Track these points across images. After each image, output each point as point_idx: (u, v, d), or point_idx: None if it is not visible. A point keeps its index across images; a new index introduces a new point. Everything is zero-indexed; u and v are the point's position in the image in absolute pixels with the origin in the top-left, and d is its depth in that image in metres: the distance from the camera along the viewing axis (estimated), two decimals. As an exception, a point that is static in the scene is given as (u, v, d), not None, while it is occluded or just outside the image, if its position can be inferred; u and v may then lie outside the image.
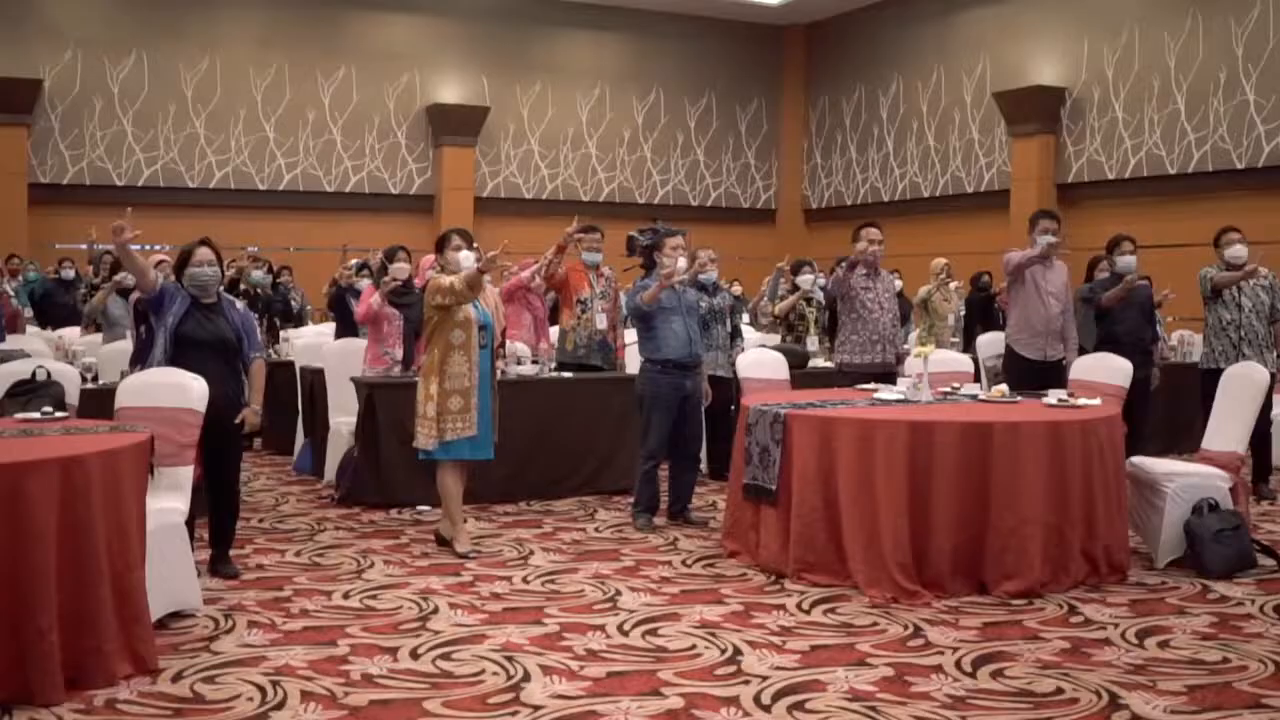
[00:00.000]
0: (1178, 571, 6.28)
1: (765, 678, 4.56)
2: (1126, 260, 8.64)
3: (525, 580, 6.02)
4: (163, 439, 5.25)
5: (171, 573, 5.11)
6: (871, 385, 7.28)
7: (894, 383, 7.72)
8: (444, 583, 5.95)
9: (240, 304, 6.26)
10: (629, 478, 8.41)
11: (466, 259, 6.64)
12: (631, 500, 7.55)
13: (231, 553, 6.13)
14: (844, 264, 8.02)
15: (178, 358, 5.82)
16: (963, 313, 11.91)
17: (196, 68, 16.92)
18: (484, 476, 7.31)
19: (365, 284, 9.10)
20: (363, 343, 8.66)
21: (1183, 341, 11.16)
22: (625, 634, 5.09)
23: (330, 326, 11.70)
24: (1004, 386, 6.84)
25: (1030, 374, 7.89)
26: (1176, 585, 6.03)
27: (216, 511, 6.01)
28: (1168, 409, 9.68)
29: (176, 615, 5.19)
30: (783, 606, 5.54)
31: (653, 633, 5.12)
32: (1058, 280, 8.25)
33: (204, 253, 6.02)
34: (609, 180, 19.83)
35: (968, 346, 11.01)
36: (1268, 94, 14.47)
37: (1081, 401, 6.49)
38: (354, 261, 9.80)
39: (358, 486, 7.86)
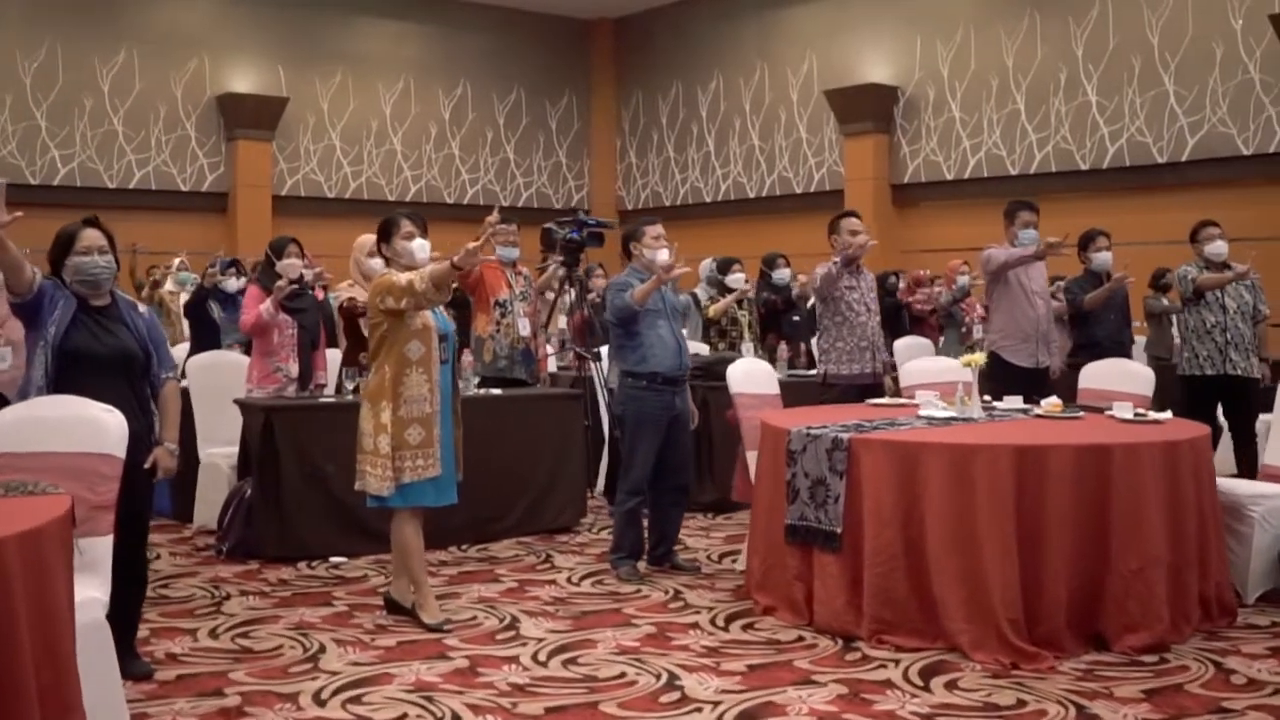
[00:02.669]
0: (1274, 607, 5.45)
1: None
2: (1104, 256, 7.94)
3: (538, 660, 4.66)
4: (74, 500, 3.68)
5: (96, 691, 3.55)
6: (886, 400, 6.26)
7: (882, 396, 6.75)
8: (435, 671, 4.53)
9: (144, 307, 4.67)
10: (570, 512, 7.17)
11: (422, 249, 5.25)
12: (587, 540, 6.26)
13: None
14: (835, 263, 6.94)
15: (65, 381, 4.23)
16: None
17: (-49, 47, 14.52)
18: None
19: (234, 285, 7.46)
20: (233, 356, 7.08)
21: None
22: (737, 740, 3.85)
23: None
24: (1056, 399, 5.89)
25: (1019, 383, 7.00)
26: (1293, 626, 5.20)
27: (119, 589, 4.39)
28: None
29: (101, 750, 3.63)
30: (889, 683, 4.40)
31: (768, 735, 3.89)
32: (1040, 278, 7.42)
33: (92, 236, 4.44)
34: (416, 178, 18.29)
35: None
36: (1109, 95, 14.25)
37: (1156, 416, 5.60)
38: (218, 259, 8.07)
39: (252, 535, 6.26)
